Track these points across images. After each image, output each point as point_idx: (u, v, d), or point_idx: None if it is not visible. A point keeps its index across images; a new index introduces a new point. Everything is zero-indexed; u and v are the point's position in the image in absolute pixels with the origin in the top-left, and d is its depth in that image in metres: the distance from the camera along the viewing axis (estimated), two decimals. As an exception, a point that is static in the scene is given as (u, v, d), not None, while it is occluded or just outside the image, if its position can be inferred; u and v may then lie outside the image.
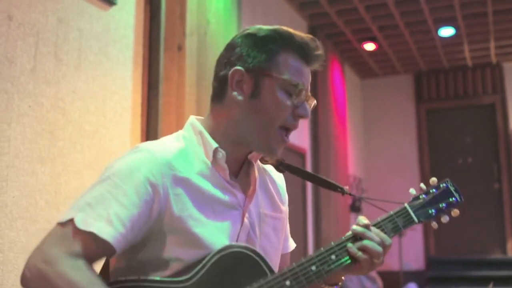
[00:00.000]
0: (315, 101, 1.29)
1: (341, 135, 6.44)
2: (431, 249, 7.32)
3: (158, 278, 1.14)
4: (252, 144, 1.26)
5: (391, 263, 6.89)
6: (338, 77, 6.57)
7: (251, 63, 1.23)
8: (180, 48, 3.01)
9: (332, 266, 1.22)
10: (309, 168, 5.74)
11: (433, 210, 1.36)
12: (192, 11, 3.11)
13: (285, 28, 1.28)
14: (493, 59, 7.15)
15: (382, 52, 6.76)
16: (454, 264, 7.10)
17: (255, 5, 4.79)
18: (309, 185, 5.60)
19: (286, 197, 1.46)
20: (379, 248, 1.25)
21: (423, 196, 1.38)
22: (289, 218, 1.59)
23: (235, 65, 1.24)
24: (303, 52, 1.25)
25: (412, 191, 1.38)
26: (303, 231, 5.47)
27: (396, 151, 7.63)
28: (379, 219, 1.32)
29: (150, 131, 2.88)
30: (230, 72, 1.24)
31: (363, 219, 1.29)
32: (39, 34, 2.32)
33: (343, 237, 1.28)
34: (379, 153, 7.70)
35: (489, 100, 7.35)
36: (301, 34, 1.27)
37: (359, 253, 1.25)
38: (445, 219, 1.38)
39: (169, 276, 1.15)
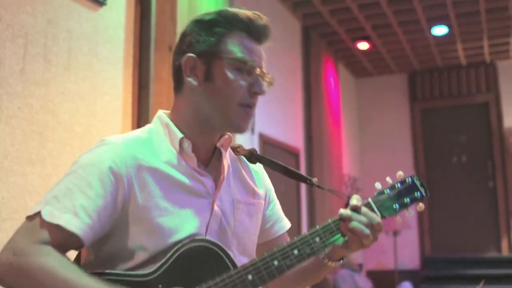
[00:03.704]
0: (271, 77, 1.31)
1: (336, 135, 6.45)
2: (426, 248, 7.32)
3: (123, 272, 1.16)
4: (215, 125, 1.28)
5: (386, 262, 6.89)
6: (332, 76, 6.57)
7: (201, 48, 1.26)
8: (171, 48, 3.01)
9: (294, 261, 1.22)
10: (303, 168, 5.74)
11: (397, 205, 1.33)
12: (183, 11, 3.10)
13: (231, 9, 1.31)
14: (487, 58, 7.17)
15: (376, 51, 6.77)
16: (449, 263, 7.10)
17: (247, 5, 4.76)
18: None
19: (265, 180, 1.46)
20: (366, 231, 1.24)
21: (388, 191, 1.34)
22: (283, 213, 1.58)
23: (187, 52, 1.27)
24: (250, 29, 1.29)
25: (378, 185, 1.35)
26: (297, 227, 5.46)
27: (391, 150, 7.63)
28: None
29: (141, 132, 2.88)
30: (183, 60, 1.27)
31: (355, 200, 1.28)
32: (28, 35, 2.32)
33: (317, 226, 1.27)
34: (374, 152, 7.71)
35: (483, 98, 7.36)
36: (246, 12, 1.30)
37: (348, 234, 1.26)
38: (410, 214, 1.36)
39: (134, 267, 1.17)
